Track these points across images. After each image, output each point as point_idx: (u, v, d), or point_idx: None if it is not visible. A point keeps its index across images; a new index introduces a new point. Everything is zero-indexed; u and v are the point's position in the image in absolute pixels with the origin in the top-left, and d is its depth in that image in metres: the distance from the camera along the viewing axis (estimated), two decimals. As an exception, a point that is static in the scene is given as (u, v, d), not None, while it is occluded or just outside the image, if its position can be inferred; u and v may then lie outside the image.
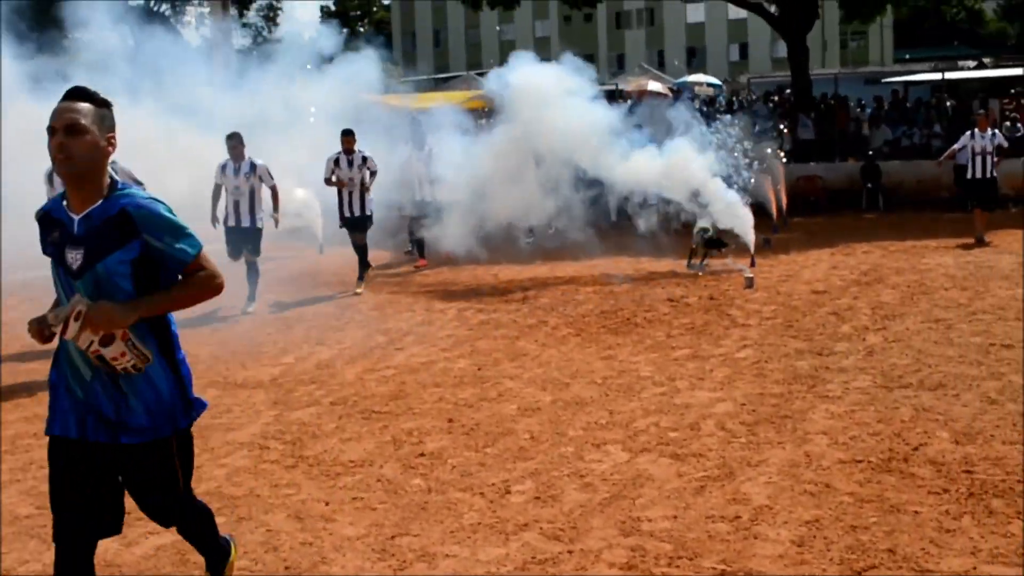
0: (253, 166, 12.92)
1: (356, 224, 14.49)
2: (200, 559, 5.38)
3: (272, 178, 13.12)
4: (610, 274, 14.46)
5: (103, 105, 4.03)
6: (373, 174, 14.43)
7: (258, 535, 5.71)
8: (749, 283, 13.17)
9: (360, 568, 5.25)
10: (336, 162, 14.30)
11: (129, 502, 4.31)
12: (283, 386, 8.96)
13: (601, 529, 5.61)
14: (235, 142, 13.01)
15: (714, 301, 12.24)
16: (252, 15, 58.54)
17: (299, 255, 18.17)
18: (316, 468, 6.79)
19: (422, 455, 6.96)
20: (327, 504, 6.14)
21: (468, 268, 15.70)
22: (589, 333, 10.72)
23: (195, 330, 11.60)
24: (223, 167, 12.93)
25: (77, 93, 3.99)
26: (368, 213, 14.51)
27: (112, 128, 4.04)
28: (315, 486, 6.46)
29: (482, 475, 6.52)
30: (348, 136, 14.39)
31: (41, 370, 9.80)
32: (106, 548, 5.58)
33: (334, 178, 14.31)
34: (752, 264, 14.77)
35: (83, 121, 3.92)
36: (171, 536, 5.70)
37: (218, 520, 5.86)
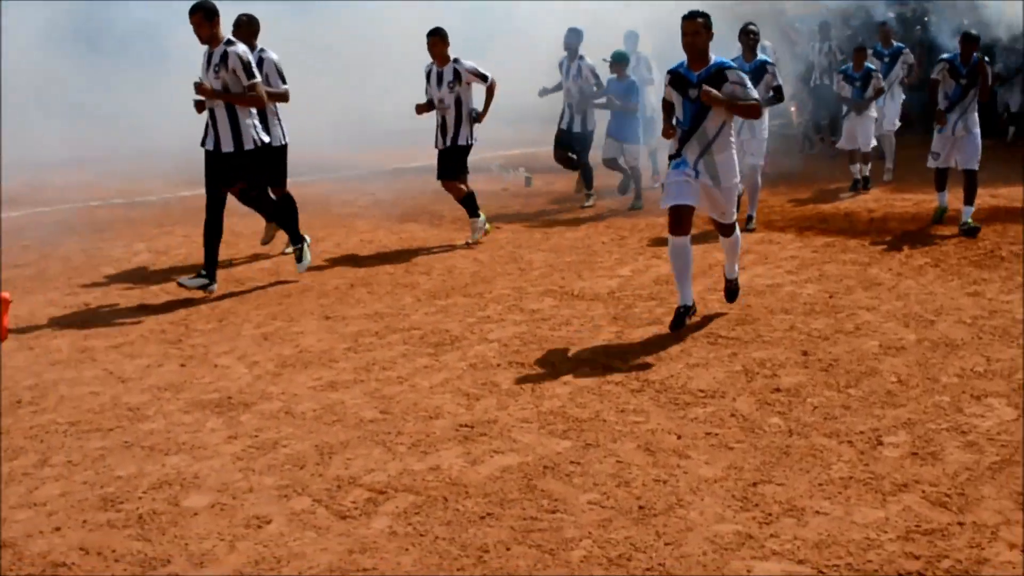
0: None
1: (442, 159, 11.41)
2: (552, 487, 5.11)
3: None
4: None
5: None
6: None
7: (607, 465, 5.35)
8: None
9: (720, 516, 4.79)
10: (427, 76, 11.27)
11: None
12: (621, 300, 8.58)
13: (994, 500, 4.91)
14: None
15: (1091, 236, 10.92)
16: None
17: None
18: (663, 395, 6.37)
19: (778, 390, 6.41)
20: (679, 437, 5.70)
21: (804, 187, 14.79)
22: (948, 264, 9.75)
23: (528, 237, 11.45)
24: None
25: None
26: (463, 143, 11.21)
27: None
28: (664, 415, 6.04)
29: (847, 420, 5.91)
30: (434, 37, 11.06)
31: (374, 268, 9.89)
32: (451, 464, 5.40)
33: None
34: None
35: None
36: (517, 457, 5.47)
37: (564, 443, 5.60)
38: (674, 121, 7.73)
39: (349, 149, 18.63)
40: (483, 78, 11.00)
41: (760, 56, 11.50)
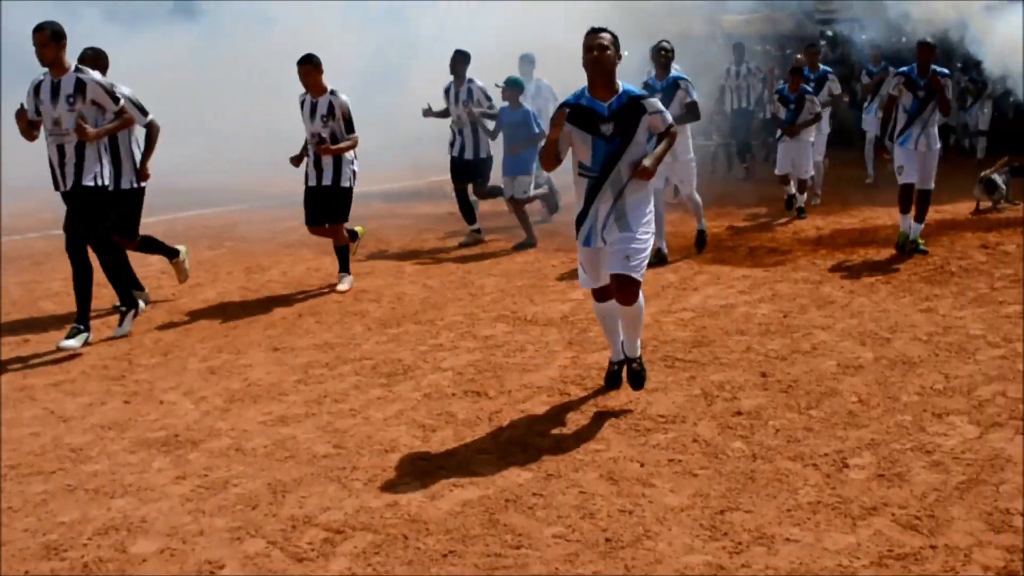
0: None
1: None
2: (515, 521, 4.96)
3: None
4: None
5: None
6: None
7: (570, 497, 5.21)
8: (1073, 231, 11.77)
9: (689, 547, 4.67)
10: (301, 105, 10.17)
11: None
12: (575, 324, 8.46)
13: (964, 521, 4.83)
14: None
15: (1036, 250, 10.98)
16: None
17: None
18: (623, 421, 6.25)
19: (739, 413, 6.31)
20: (641, 465, 5.58)
21: (747, 209, 14.80)
22: (899, 281, 9.75)
23: (478, 263, 11.33)
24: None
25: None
26: (347, 184, 10.17)
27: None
28: (625, 442, 5.91)
29: (811, 442, 5.82)
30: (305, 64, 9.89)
31: (321, 297, 9.71)
32: (409, 500, 5.23)
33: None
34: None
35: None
36: (477, 490, 5.31)
37: (525, 475, 5.45)
38: (577, 169, 6.39)
39: (287, 175, 18.39)
40: (349, 128, 9.92)
41: (674, 73, 10.91)
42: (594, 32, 6.23)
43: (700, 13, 20.15)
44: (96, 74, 8.36)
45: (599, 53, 6.14)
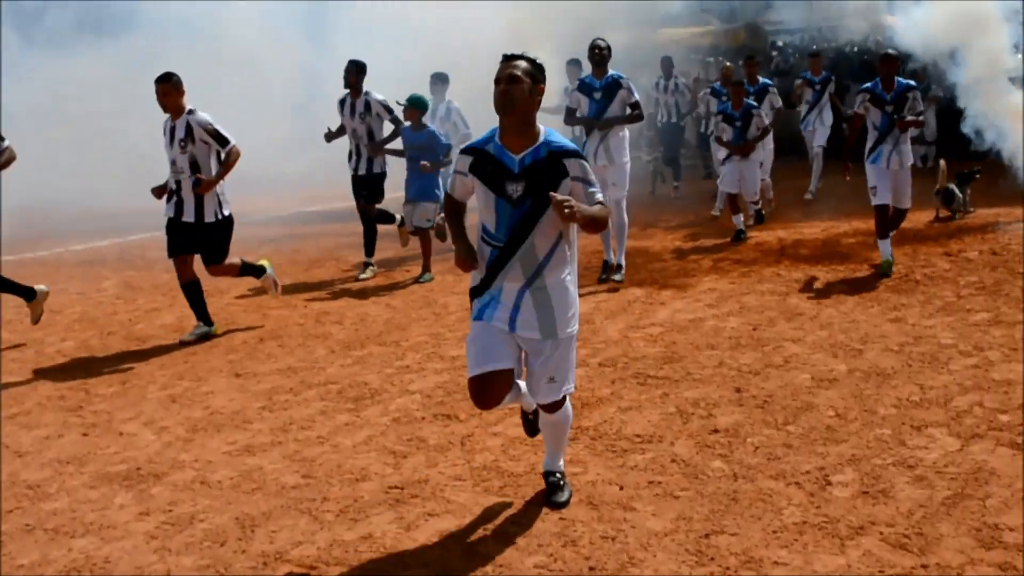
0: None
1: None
2: (495, 551, 4.80)
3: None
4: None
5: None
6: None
7: (550, 523, 5.06)
8: (1034, 236, 11.76)
9: (676, 573, 4.53)
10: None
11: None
12: (543, 343, 8.30)
13: (954, 538, 4.73)
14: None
15: (998, 257, 10.95)
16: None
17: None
18: (599, 442, 6.11)
19: (716, 431, 6.19)
20: (621, 488, 5.44)
21: (705, 225, 14.75)
22: (866, 291, 9.68)
23: (441, 278, 11.18)
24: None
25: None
26: (212, 219, 9.05)
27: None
28: (602, 464, 5.77)
29: (791, 459, 5.71)
30: None
31: (282, 320, 9.50)
32: (384, 532, 5.06)
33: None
34: (1034, 215, 13.26)
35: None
36: (453, 519, 5.16)
37: (502, 502, 5.31)
38: (480, 231, 4.97)
39: (235, 194, 18.16)
40: (222, 141, 8.84)
41: (612, 72, 10.44)
42: (506, 60, 4.83)
43: (642, 22, 20.16)
44: None
45: (507, 86, 4.72)
